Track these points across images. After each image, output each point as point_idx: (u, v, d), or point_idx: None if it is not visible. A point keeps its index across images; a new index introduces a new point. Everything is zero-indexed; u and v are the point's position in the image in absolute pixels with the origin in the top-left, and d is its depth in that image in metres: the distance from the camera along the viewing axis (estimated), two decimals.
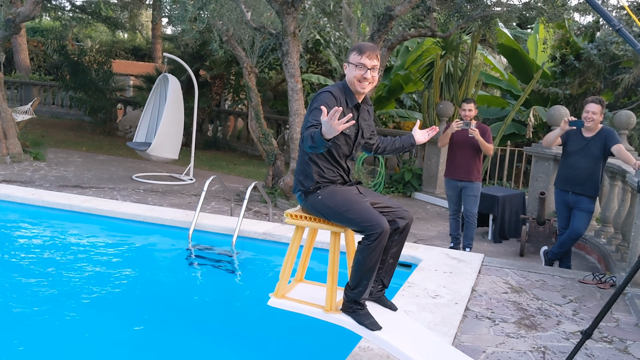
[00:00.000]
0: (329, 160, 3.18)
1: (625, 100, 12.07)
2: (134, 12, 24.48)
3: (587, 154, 5.76)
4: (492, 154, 6.85)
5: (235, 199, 8.20)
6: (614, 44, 11.32)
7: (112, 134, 16.23)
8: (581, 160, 5.81)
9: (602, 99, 5.86)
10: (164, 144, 9.92)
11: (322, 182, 3.17)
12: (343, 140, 3.18)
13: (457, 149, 6.55)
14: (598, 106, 5.69)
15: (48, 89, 20.02)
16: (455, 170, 6.61)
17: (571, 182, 5.88)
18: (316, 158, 3.18)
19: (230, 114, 16.87)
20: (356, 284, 3.02)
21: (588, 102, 5.79)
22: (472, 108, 6.52)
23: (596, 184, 5.79)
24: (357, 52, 3.20)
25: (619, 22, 2.38)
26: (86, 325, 4.07)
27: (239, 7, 8.42)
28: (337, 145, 3.16)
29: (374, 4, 8.42)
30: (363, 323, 3.03)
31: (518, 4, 10.18)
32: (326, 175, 3.17)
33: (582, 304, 4.79)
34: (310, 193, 3.17)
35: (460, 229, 6.87)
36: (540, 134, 12.51)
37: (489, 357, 3.58)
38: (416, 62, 14.72)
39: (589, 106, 5.73)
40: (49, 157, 11.29)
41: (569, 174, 5.91)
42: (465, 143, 6.48)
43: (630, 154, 5.61)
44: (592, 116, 5.67)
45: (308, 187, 3.17)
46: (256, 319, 4.41)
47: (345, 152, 3.23)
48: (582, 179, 5.80)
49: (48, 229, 6.36)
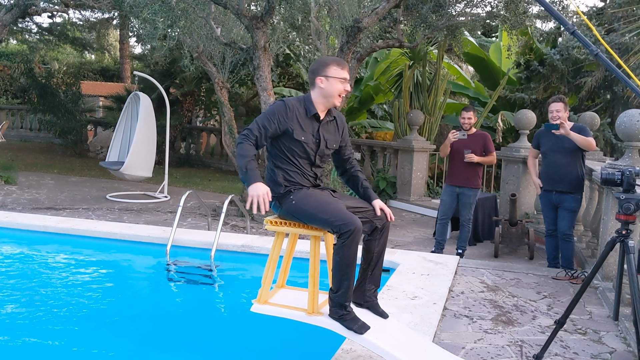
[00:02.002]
0: (293, 165, 3.25)
1: (589, 102, 12.43)
2: (101, 33, 24.37)
3: (561, 149, 5.85)
4: (495, 162, 7.02)
5: (212, 214, 8.20)
6: (575, 48, 11.68)
7: (83, 155, 16.10)
8: (556, 156, 5.91)
9: (562, 96, 6.01)
10: (137, 162, 9.88)
11: (290, 185, 3.23)
12: (302, 150, 3.23)
13: (456, 156, 6.68)
14: (560, 104, 5.83)
15: (16, 112, 19.78)
16: (455, 177, 6.74)
17: (551, 179, 5.98)
18: (280, 164, 3.26)
19: (203, 131, 16.88)
20: (338, 286, 3.08)
21: (550, 103, 5.95)
22: (471, 116, 6.67)
23: (577, 180, 5.86)
24: (339, 66, 3.24)
25: (573, 26, 2.51)
26: (67, 345, 4.04)
27: (209, 24, 8.49)
28: (298, 155, 3.24)
29: (342, 17, 8.57)
30: (352, 328, 3.06)
31: (482, 13, 10.44)
32: (292, 178, 3.23)
33: (556, 299, 4.93)
34: (283, 198, 3.22)
35: (446, 234, 6.99)
36: (509, 138, 12.79)
37: (469, 353, 3.67)
38: (385, 72, 14.94)
39: (551, 106, 5.89)
40: (20, 181, 11.15)
41: (548, 172, 6.02)
42: (463, 150, 6.61)
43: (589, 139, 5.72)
44: (557, 114, 5.82)
45: (278, 192, 3.23)
46: (239, 329, 4.44)
47: (307, 160, 3.28)
48: (560, 176, 5.87)
49: (23, 251, 6.29)
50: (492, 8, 10.00)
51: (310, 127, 3.27)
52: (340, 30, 8.72)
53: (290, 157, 3.24)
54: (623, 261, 3.31)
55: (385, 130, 15.43)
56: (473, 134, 6.70)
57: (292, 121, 3.21)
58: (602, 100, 12.29)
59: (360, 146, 12.70)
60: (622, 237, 3.26)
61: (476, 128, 7.13)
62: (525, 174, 8.44)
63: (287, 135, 3.21)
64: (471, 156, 6.53)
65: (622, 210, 3.24)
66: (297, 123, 3.22)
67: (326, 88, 3.25)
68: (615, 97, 11.72)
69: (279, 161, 3.27)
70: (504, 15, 9.61)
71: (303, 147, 3.24)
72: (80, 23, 20.60)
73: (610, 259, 4.97)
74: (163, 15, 7.67)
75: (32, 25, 19.38)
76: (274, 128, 3.18)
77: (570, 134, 5.67)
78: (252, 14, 8.21)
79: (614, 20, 10.89)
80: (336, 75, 3.24)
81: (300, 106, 3.26)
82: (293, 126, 3.21)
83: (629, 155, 5.32)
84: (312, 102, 3.28)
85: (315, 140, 3.27)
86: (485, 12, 10.38)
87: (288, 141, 3.22)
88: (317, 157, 3.30)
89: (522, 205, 8.29)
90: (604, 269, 5.29)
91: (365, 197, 3.40)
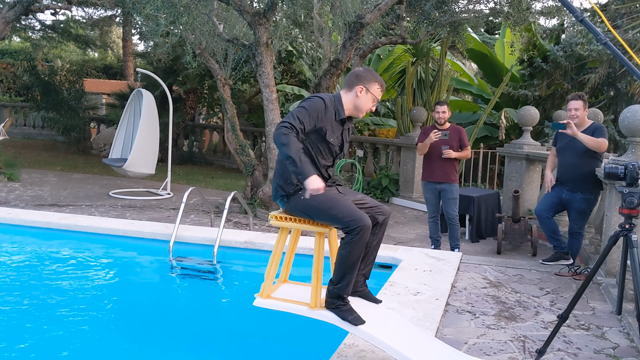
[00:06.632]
0: (312, 162, 3.24)
1: (592, 99, 12.38)
2: (104, 30, 24.38)
3: (572, 148, 5.77)
4: (470, 156, 6.97)
5: (215, 211, 8.20)
6: (579, 45, 11.63)
7: (86, 153, 16.12)
8: (567, 155, 5.85)
9: (582, 94, 5.89)
10: (140, 159, 9.89)
11: (302, 185, 3.23)
12: (327, 150, 3.27)
13: (434, 152, 6.66)
14: (579, 102, 5.72)
15: (19, 110, 19.81)
16: (433, 173, 6.71)
17: (563, 178, 5.95)
18: None
19: (206, 128, 16.88)
20: (339, 278, 3.09)
21: (569, 100, 5.83)
22: (445, 110, 6.65)
23: (587, 180, 5.72)
24: (381, 87, 3.33)
25: (582, 14, 2.50)
26: (70, 340, 4.05)
27: (211, 20, 8.49)
28: (320, 154, 3.25)
29: (345, 13, 8.56)
30: (346, 319, 3.09)
31: (485, 9, 10.42)
32: None
33: (559, 295, 4.93)
34: (292, 195, 3.23)
35: (440, 231, 6.98)
36: (512, 135, 12.77)
37: (471, 348, 3.67)
38: (388, 70, 14.92)
39: (570, 104, 5.78)
40: (23, 178, 11.17)
41: (560, 171, 5.99)
42: (441, 146, 6.58)
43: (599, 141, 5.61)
44: (575, 113, 5.72)
45: (289, 191, 3.23)
46: (242, 324, 4.45)
47: (326, 162, 3.31)
48: (571, 176, 5.81)
49: (26, 248, 6.30)
50: (495, 4, 9.98)
51: (338, 129, 3.30)
52: (342, 26, 8.70)
53: (314, 156, 3.24)
54: (626, 256, 3.30)
55: (388, 128, 15.42)
56: (447, 129, 6.65)
57: (327, 121, 3.22)
58: (606, 97, 12.25)
59: (363, 143, 12.68)
60: (625, 231, 3.25)
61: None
62: (529, 170, 8.43)
63: (318, 134, 3.21)
64: (449, 152, 6.51)
65: (626, 204, 3.23)
66: (330, 124, 3.23)
67: (362, 100, 3.29)
68: (619, 93, 11.67)
69: None
70: (507, 12, 9.59)
71: (329, 148, 3.26)
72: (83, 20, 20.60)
73: (614, 255, 4.96)
74: (165, 12, 7.67)
75: (35, 22, 19.39)
76: (312, 125, 3.16)
77: (577, 135, 5.54)
78: (255, 11, 8.21)
79: (617, 16, 10.83)
80: (375, 94, 3.31)
81: (332, 106, 3.26)
82: (327, 126, 3.21)
83: (632, 151, 5.31)
84: (342, 105, 3.29)
85: (339, 143, 3.31)
86: (489, 8, 10.37)
87: (317, 140, 3.22)
88: (335, 159, 3.35)
89: (525, 201, 8.27)
90: (607, 265, 5.28)
91: None
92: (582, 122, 5.78)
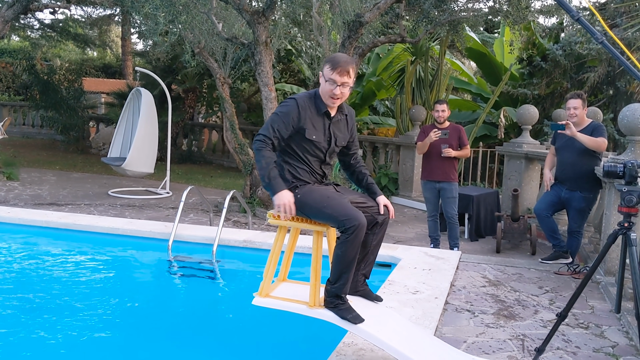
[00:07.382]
0: (303, 162, 3.23)
1: (591, 98, 12.37)
2: (103, 29, 24.36)
3: (570, 147, 5.76)
4: (469, 155, 6.95)
5: (214, 210, 8.20)
6: (578, 44, 11.62)
7: (85, 152, 16.11)
8: (567, 154, 5.85)
9: (581, 92, 5.89)
10: (139, 158, 9.88)
11: (297, 182, 3.22)
12: (314, 148, 3.21)
13: (434, 151, 6.66)
14: (578, 100, 5.72)
15: (18, 109, 19.79)
16: (432, 171, 6.70)
17: (562, 177, 5.95)
18: (289, 160, 3.23)
19: (205, 127, 16.88)
20: (337, 278, 3.08)
21: (568, 99, 5.82)
22: (444, 109, 6.65)
23: (586, 179, 5.72)
24: (330, 67, 3.12)
25: (578, 12, 2.49)
26: (68, 339, 4.05)
27: (210, 19, 8.48)
28: (308, 152, 3.22)
29: (344, 12, 8.55)
30: (345, 317, 3.08)
31: (484, 8, 10.41)
32: (300, 175, 3.22)
33: (558, 294, 4.93)
34: None
35: (439, 230, 6.98)
36: (511, 134, 12.76)
37: (470, 347, 3.67)
38: (387, 68, 14.91)
39: (569, 102, 5.77)
40: (22, 177, 11.16)
41: (559, 170, 5.99)
42: (440, 145, 6.58)
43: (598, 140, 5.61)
44: (574, 111, 5.71)
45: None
46: (241, 323, 4.44)
47: (317, 160, 3.27)
48: (570, 174, 5.81)
49: (25, 247, 6.29)
50: (495, 3, 9.97)
51: (321, 124, 3.22)
52: (342, 25, 8.70)
53: (301, 155, 3.21)
54: (625, 254, 3.30)
55: (387, 127, 15.41)
56: (447, 128, 6.65)
57: (305, 121, 3.16)
58: (605, 95, 12.23)
59: (362, 142, 12.68)
60: (624, 229, 3.25)
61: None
62: (528, 169, 8.43)
63: (299, 135, 3.18)
64: (449, 151, 6.51)
65: (624, 203, 3.23)
66: (310, 122, 3.17)
67: (322, 86, 3.20)
68: (618, 92, 11.66)
69: (288, 157, 3.24)
70: (506, 10, 9.58)
71: (315, 146, 3.21)
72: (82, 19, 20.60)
73: (613, 253, 4.96)
74: (164, 11, 7.66)
75: (34, 21, 19.38)
76: (289, 129, 3.14)
77: (575, 135, 5.54)
78: (254, 9, 8.20)
79: (617, 15, 10.83)
80: (325, 74, 3.15)
81: (312, 103, 3.21)
82: (306, 125, 3.16)
83: (631, 150, 5.31)
84: (321, 99, 3.23)
85: (326, 139, 3.24)
86: (488, 7, 10.36)
87: (300, 140, 3.19)
88: (327, 156, 3.29)
89: (525, 200, 8.27)
90: (606, 264, 5.28)
91: (370, 193, 3.39)
92: (581, 121, 5.78)
